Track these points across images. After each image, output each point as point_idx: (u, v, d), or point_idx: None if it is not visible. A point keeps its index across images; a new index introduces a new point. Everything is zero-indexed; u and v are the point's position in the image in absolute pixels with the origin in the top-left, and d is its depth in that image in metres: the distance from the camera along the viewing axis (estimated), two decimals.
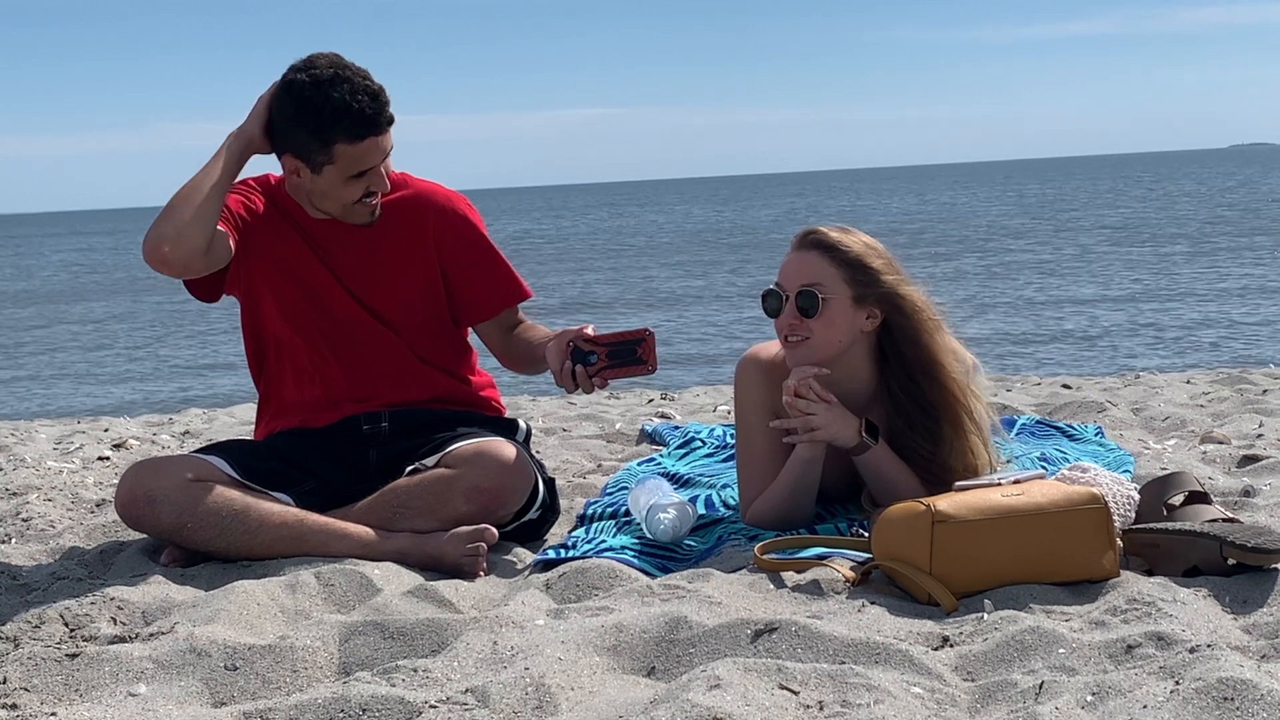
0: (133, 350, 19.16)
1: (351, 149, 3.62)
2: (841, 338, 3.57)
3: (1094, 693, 2.35)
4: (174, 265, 3.60)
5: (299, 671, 2.67)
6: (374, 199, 3.77)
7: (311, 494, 3.68)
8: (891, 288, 3.56)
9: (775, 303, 3.61)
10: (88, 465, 5.45)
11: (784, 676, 2.43)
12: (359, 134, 3.61)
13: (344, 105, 3.57)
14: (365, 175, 3.69)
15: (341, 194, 3.72)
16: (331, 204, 3.77)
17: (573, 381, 3.58)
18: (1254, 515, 3.53)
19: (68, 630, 2.99)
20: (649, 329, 3.58)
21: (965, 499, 3.07)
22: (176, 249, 3.57)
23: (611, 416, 6.52)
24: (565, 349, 3.59)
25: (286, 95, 3.64)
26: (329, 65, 3.62)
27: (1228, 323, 15.40)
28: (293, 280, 3.82)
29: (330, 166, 3.65)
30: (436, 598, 3.13)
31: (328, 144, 3.61)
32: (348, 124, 3.59)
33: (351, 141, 3.61)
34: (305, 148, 3.64)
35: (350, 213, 3.79)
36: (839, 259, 3.56)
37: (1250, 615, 2.80)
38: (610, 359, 3.56)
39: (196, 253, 3.60)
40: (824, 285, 3.55)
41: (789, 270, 3.62)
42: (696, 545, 3.57)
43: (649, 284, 25.64)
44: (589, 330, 3.60)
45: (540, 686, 2.43)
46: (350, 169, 3.66)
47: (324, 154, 3.63)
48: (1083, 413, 5.75)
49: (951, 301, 3.79)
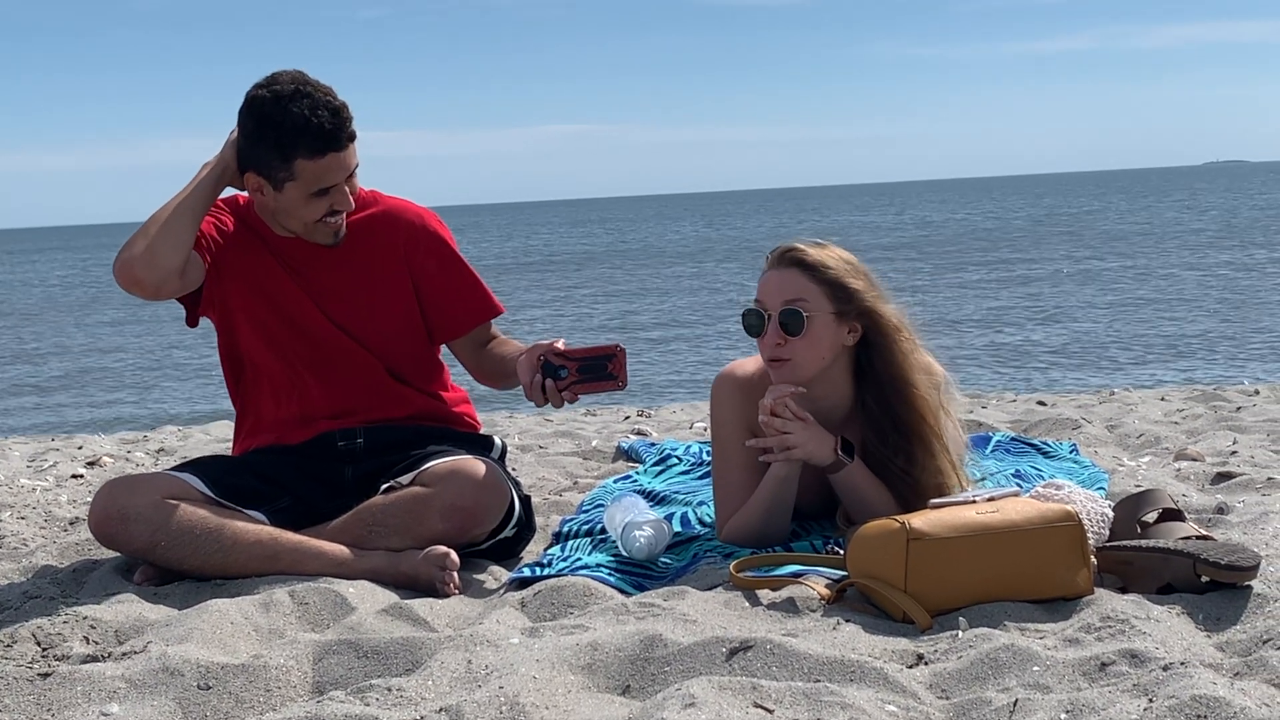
0: (107, 367, 19.08)
1: (312, 165, 3.61)
2: (825, 355, 3.57)
3: (1068, 710, 2.35)
4: (146, 287, 3.59)
5: (273, 691, 2.66)
6: (337, 219, 3.75)
7: (286, 511, 3.66)
8: (871, 305, 3.56)
9: (757, 322, 3.59)
10: (61, 483, 5.42)
11: (759, 695, 2.43)
12: (319, 149, 3.59)
13: (304, 120, 3.56)
14: (328, 193, 3.68)
15: (304, 212, 3.70)
16: (294, 222, 3.75)
17: (542, 396, 3.56)
18: (1227, 533, 3.54)
19: (40, 649, 2.97)
20: (620, 345, 3.56)
21: (940, 516, 3.07)
22: (149, 271, 3.57)
23: (588, 434, 6.52)
24: (536, 363, 3.57)
25: (248, 112, 3.63)
26: (290, 81, 3.62)
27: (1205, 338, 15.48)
28: (266, 300, 3.81)
29: (291, 183, 3.64)
30: (411, 616, 3.12)
31: (288, 160, 3.60)
32: (308, 140, 3.58)
33: (312, 157, 3.60)
34: (266, 164, 3.63)
35: (313, 231, 3.77)
36: (819, 277, 3.55)
37: (1224, 633, 2.81)
38: (581, 374, 3.55)
39: (170, 274, 3.60)
40: (807, 303, 3.54)
41: (769, 288, 3.59)
42: (672, 563, 3.56)
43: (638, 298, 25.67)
44: (560, 344, 3.59)
45: (515, 705, 2.42)
46: (311, 185, 3.65)
47: (285, 170, 3.62)
48: (1057, 430, 5.77)
49: (930, 315, 3.81)
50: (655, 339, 18.54)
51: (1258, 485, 4.27)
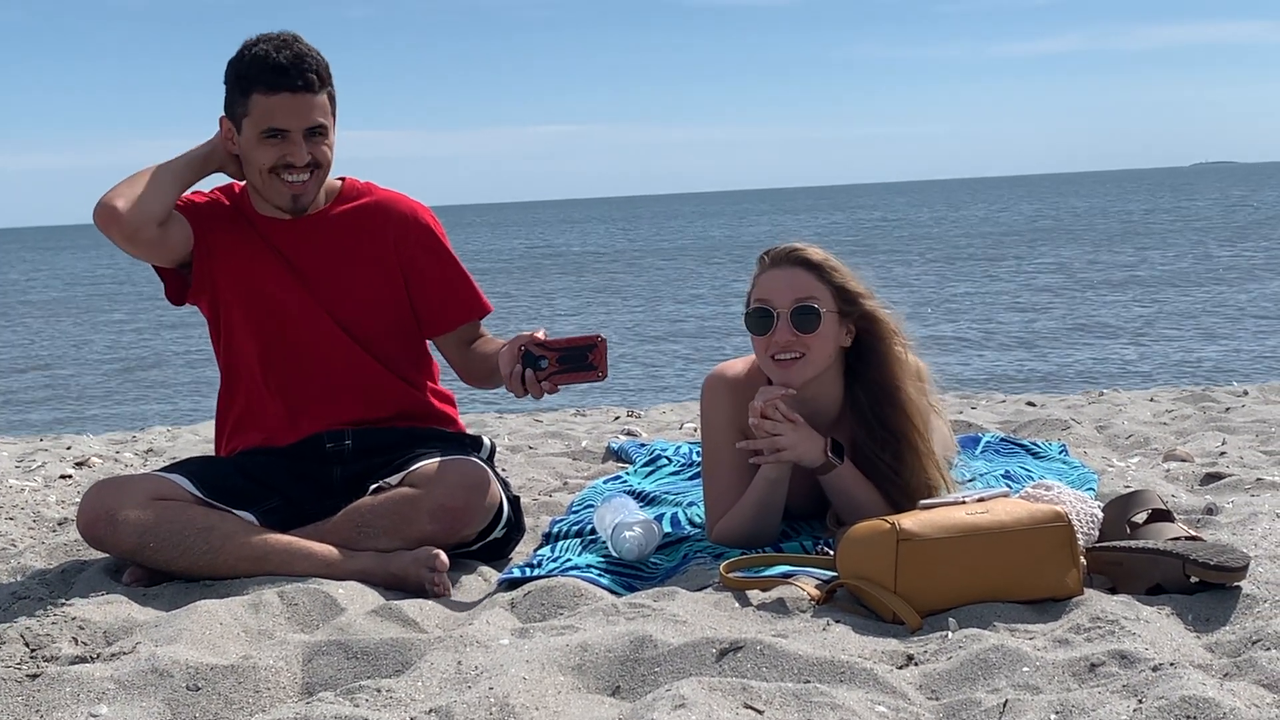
0: (96, 366, 19.04)
1: (265, 100, 3.65)
2: (830, 353, 3.58)
3: (1058, 711, 2.36)
4: (124, 225, 3.61)
5: (262, 692, 2.65)
6: (294, 176, 3.73)
7: (275, 512, 3.65)
8: (871, 308, 3.58)
9: (766, 320, 3.59)
10: (49, 484, 5.41)
11: (749, 696, 2.43)
12: (274, 85, 3.64)
13: (263, 55, 3.65)
14: (278, 138, 3.68)
15: (257, 156, 3.71)
16: (252, 173, 3.76)
17: (522, 386, 3.52)
18: (1217, 533, 3.54)
19: (28, 650, 2.96)
20: (601, 335, 3.54)
21: (930, 517, 3.07)
22: (129, 209, 3.61)
23: (578, 434, 6.51)
24: (516, 353, 3.55)
25: (231, 58, 3.73)
26: (277, 34, 3.72)
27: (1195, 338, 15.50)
28: (255, 284, 3.80)
29: (246, 120, 3.69)
30: (400, 617, 3.11)
31: (246, 93, 3.67)
32: (263, 72, 3.64)
33: (267, 92, 3.64)
34: (231, 102, 3.72)
35: (270, 187, 3.75)
36: (826, 278, 3.57)
37: (1213, 634, 2.81)
38: (561, 364, 3.52)
39: (149, 219, 3.64)
40: (817, 301, 3.55)
41: (776, 287, 3.57)
42: (662, 563, 3.56)
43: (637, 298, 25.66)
44: (540, 335, 3.57)
45: (504, 706, 2.42)
46: (262, 123, 3.66)
47: (242, 106, 3.69)
48: (1047, 430, 5.78)
49: (923, 310, 3.81)
50: (648, 337, 18.55)
51: (1246, 486, 4.28)
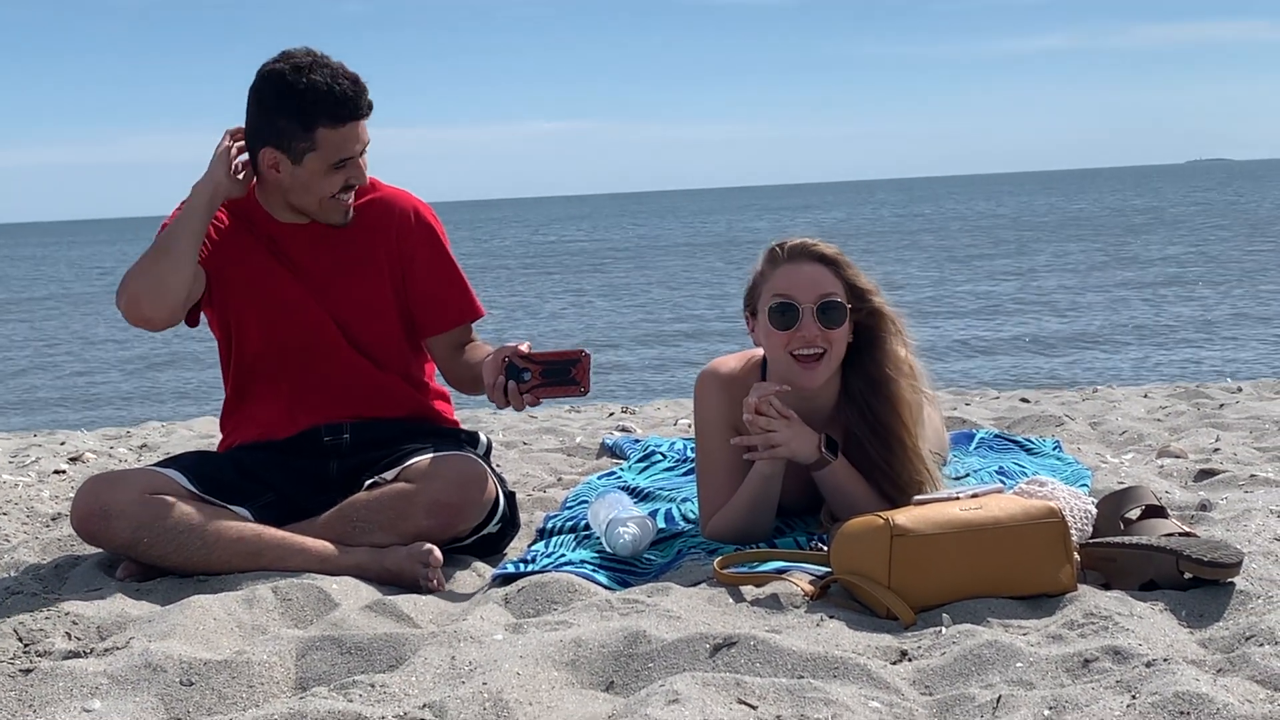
0: (92, 362, 19.03)
1: (334, 134, 3.62)
2: (844, 350, 3.58)
3: (1051, 707, 2.36)
4: (156, 323, 3.64)
5: (255, 687, 2.65)
6: (350, 195, 3.76)
7: (271, 507, 3.65)
8: (879, 305, 3.58)
9: (790, 315, 3.56)
10: (43, 479, 5.40)
11: (742, 691, 2.43)
12: (341, 117, 3.61)
13: (326, 88, 3.59)
14: (345, 166, 3.68)
15: (321, 186, 3.70)
16: (309, 199, 3.74)
17: (504, 397, 3.54)
18: (1210, 529, 3.55)
19: (22, 645, 2.96)
20: (585, 350, 3.56)
21: (923, 513, 3.07)
22: (158, 308, 3.61)
23: (572, 430, 6.51)
24: (500, 365, 3.56)
25: (267, 84, 3.64)
26: (306, 55, 3.65)
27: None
28: (258, 292, 3.79)
29: (312, 154, 3.64)
30: (394, 612, 3.11)
31: (310, 128, 3.61)
32: (329, 106, 3.59)
33: (334, 125, 3.61)
34: (286, 135, 3.63)
35: (326, 209, 3.76)
36: (841, 274, 3.57)
37: (1206, 629, 2.82)
38: (544, 377, 3.54)
39: (177, 305, 3.64)
40: (840, 296, 3.55)
41: (799, 282, 3.56)
42: (656, 559, 3.56)
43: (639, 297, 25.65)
44: (524, 348, 3.58)
45: (498, 701, 2.42)
46: (332, 156, 3.65)
47: (306, 140, 3.62)
48: (1041, 427, 5.78)
49: (925, 309, 3.82)
50: (640, 336, 18.54)
51: (1240, 482, 4.28)
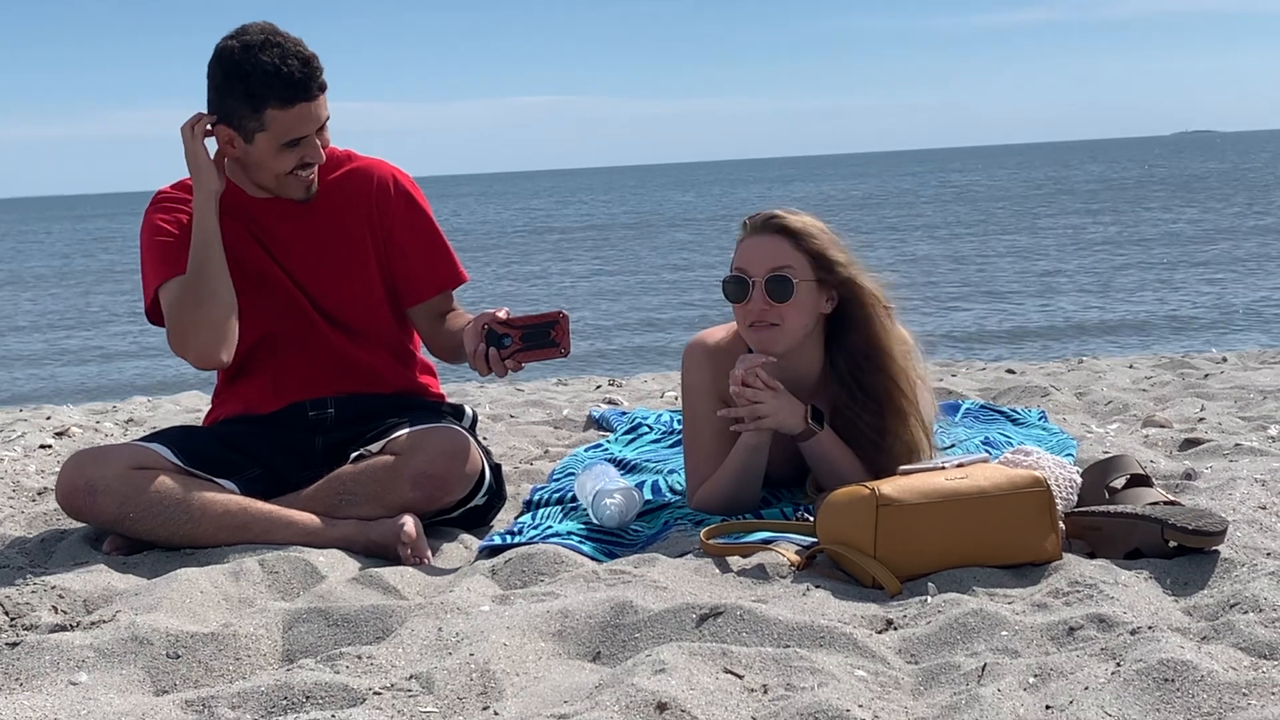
0: (76, 336, 18.98)
1: (283, 115, 3.60)
2: (807, 322, 3.57)
3: (1036, 674, 2.37)
4: (230, 360, 3.69)
5: (242, 659, 2.65)
6: (309, 171, 3.74)
7: (256, 481, 3.65)
8: (851, 275, 3.57)
9: (740, 289, 3.58)
10: (29, 453, 5.39)
11: (729, 660, 2.44)
12: (289, 98, 3.59)
13: (274, 69, 3.56)
14: (299, 145, 3.66)
15: (274, 163, 3.69)
16: (265, 175, 3.73)
17: (486, 364, 3.52)
18: (1195, 498, 3.56)
19: (8, 619, 2.96)
20: (563, 311, 3.54)
21: (909, 483, 3.08)
22: (229, 348, 3.66)
23: (559, 403, 6.51)
24: (480, 332, 3.55)
25: (218, 63, 3.63)
26: (260, 31, 3.62)
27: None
28: (252, 275, 3.78)
29: (262, 134, 3.63)
30: (381, 584, 3.11)
31: (258, 109, 3.59)
32: (278, 89, 3.57)
33: (282, 106, 3.59)
34: (237, 115, 3.62)
35: (285, 185, 3.76)
36: (804, 245, 3.56)
37: (1191, 597, 2.83)
38: (524, 341, 3.52)
39: (235, 331, 3.66)
40: (793, 269, 3.54)
41: (753, 255, 3.57)
42: (643, 530, 3.57)
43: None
44: (502, 313, 3.56)
45: (485, 672, 2.42)
46: (282, 136, 3.63)
47: (255, 120, 3.61)
48: (1026, 397, 5.79)
49: (913, 284, 3.82)
50: (626, 309, 18.53)
51: (1225, 451, 4.29)
